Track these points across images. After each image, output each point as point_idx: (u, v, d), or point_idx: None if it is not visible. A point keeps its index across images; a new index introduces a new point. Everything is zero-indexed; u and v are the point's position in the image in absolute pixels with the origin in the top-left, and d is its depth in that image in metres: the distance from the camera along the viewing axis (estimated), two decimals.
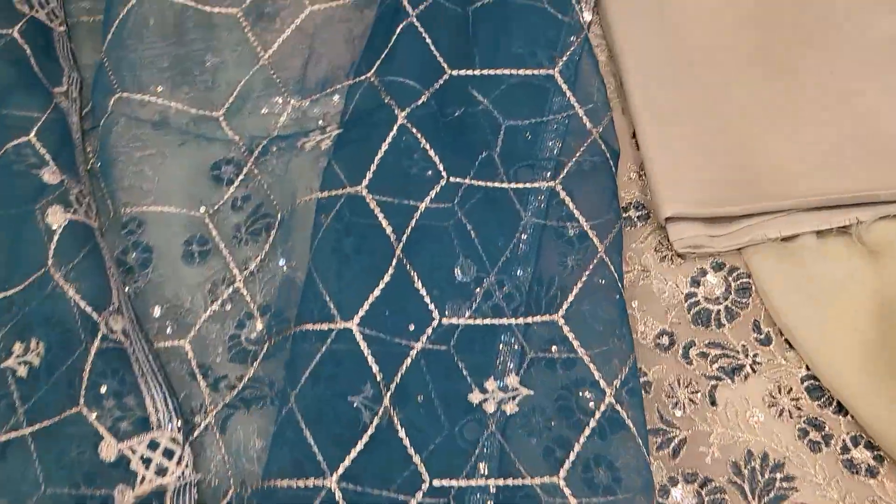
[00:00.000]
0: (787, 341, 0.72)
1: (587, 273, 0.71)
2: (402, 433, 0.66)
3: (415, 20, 0.81)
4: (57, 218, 0.75)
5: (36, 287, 0.73)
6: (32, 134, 0.79)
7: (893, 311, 0.68)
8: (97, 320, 0.71)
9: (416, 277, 0.71)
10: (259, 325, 0.75)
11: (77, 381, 0.70)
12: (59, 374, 0.70)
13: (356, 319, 0.70)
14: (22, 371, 0.72)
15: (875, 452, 0.66)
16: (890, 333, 0.67)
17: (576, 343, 0.69)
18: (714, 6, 0.84)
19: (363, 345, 0.69)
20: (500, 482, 0.65)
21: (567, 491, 0.64)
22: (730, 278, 0.75)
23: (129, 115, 0.84)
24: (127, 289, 0.76)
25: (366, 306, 0.70)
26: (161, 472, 0.67)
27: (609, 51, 0.86)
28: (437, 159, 0.75)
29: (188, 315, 0.76)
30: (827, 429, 0.68)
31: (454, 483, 0.65)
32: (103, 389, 0.69)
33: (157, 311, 0.76)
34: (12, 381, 0.72)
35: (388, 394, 0.67)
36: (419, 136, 0.76)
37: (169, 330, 0.75)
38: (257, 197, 0.80)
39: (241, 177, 0.81)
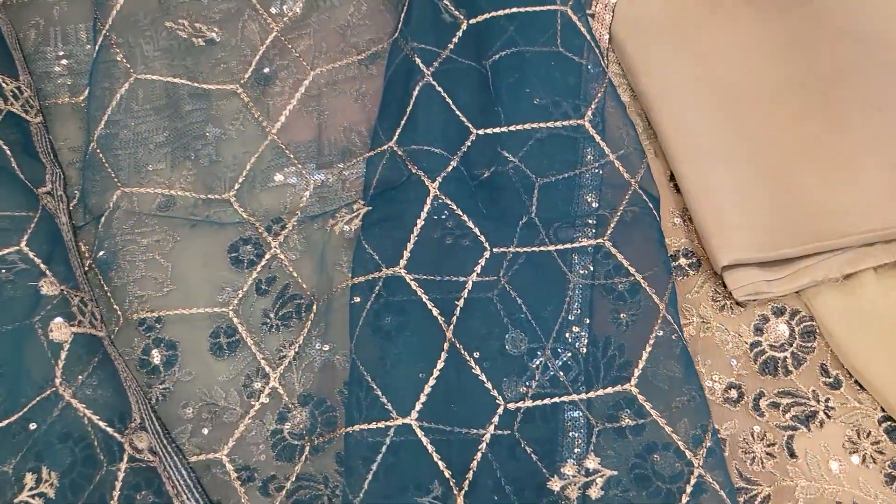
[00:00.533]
0: (857, 383, 0.69)
1: (654, 333, 0.68)
2: None
3: (430, 79, 0.76)
4: (61, 333, 0.68)
5: (44, 409, 0.67)
6: (24, 243, 0.72)
7: None
8: (119, 439, 0.65)
9: (472, 361, 0.67)
10: (301, 417, 0.69)
11: None
12: (81, 503, 0.64)
13: (414, 414, 0.65)
14: None
15: None
16: None
17: (648, 405, 0.65)
18: (743, 41, 0.82)
19: (425, 440, 0.64)
20: None
21: None
22: (793, 322, 0.72)
23: (129, 205, 0.78)
24: (153, 391, 0.71)
25: (422, 398, 0.66)
26: None
27: (631, 90, 0.83)
28: (476, 230, 0.71)
29: (224, 414, 0.70)
30: None
31: None
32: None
33: (189, 412, 0.70)
34: None
35: (461, 491, 0.63)
36: (454, 206, 0.72)
37: (205, 430, 0.69)
38: (283, 278, 0.75)
39: (264, 258, 0.75)
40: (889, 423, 0.68)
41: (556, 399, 0.66)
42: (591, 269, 0.72)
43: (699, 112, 0.78)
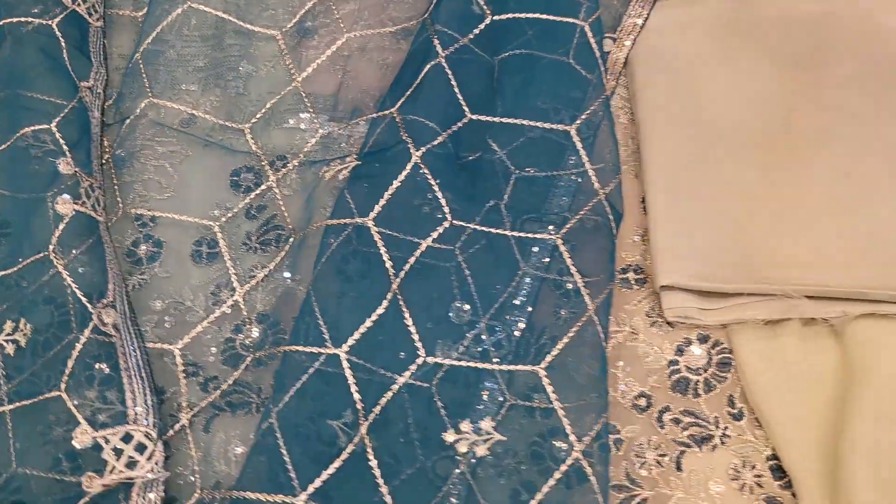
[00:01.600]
0: (757, 420, 0.74)
1: (575, 329, 0.74)
2: (373, 462, 0.68)
3: (443, 61, 0.83)
4: (65, 207, 0.77)
5: (35, 270, 0.76)
6: (54, 123, 0.81)
7: (845, 410, 0.70)
8: (90, 311, 0.74)
9: (407, 314, 0.74)
10: (255, 333, 0.77)
11: (62, 366, 0.72)
12: (45, 358, 0.73)
13: (345, 347, 0.72)
14: (10, 349, 0.74)
15: None
16: (843, 436, 0.69)
17: (553, 395, 0.71)
18: (744, 91, 0.87)
19: (348, 372, 0.71)
20: None
21: None
22: (713, 351, 0.77)
23: (156, 115, 0.87)
24: (132, 279, 0.79)
25: (356, 335, 0.73)
26: (131, 465, 0.69)
27: (632, 114, 0.89)
28: (444, 202, 0.78)
29: (188, 313, 0.78)
30: None
31: None
32: (86, 379, 0.72)
33: (158, 305, 0.79)
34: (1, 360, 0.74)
35: (366, 423, 0.70)
36: (430, 177, 0.78)
37: (168, 324, 0.78)
38: (272, 209, 0.83)
39: (260, 187, 0.83)
40: (775, 461, 0.72)
41: (476, 365, 0.72)
42: (547, 263, 0.78)
43: (680, 147, 0.83)
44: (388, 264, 0.75)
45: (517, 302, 0.76)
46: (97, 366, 0.73)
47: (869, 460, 0.68)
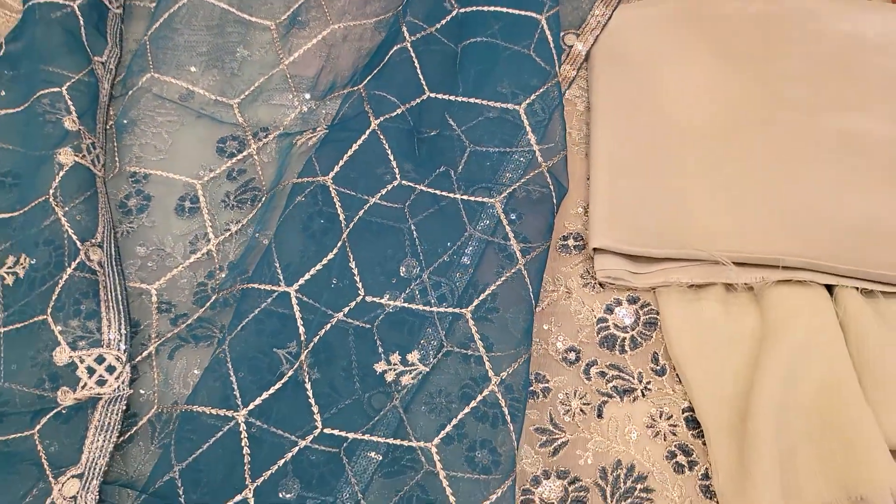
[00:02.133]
0: (677, 377, 0.79)
1: (503, 279, 0.80)
2: (308, 388, 0.75)
3: (409, 45, 0.92)
4: (67, 157, 0.87)
5: (38, 214, 0.85)
6: (65, 87, 0.92)
7: (757, 369, 0.75)
8: (79, 248, 0.83)
9: (352, 259, 0.81)
10: (222, 277, 0.85)
11: (48, 295, 0.81)
12: (38, 290, 0.82)
13: (295, 286, 0.80)
14: (9, 280, 0.83)
15: None
16: (750, 389, 0.74)
17: (480, 343, 0.77)
18: (695, 84, 0.93)
19: (297, 308, 0.79)
20: (390, 441, 0.73)
21: (437, 457, 0.72)
22: (640, 311, 0.83)
23: (157, 91, 0.97)
24: (122, 227, 0.88)
25: (307, 276, 0.80)
26: (101, 382, 0.78)
27: (588, 103, 0.96)
28: (394, 164, 0.86)
29: (167, 259, 0.87)
30: (694, 456, 0.75)
31: (346, 434, 0.73)
32: (73, 312, 0.80)
33: (141, 251, 0.88)
34: (1, 289, 0.84)
35: (306, 352, 0.77)
36: (385, 143, 0.86)
37: (151, 266, 0.86)
38: (250, 173, 0.92)
39: (242, 154, 0.93)
40: (690, 413, 0.77)
41: (410, 305, 0.79)
42: (491, 228, 0.84)
43: (628, 131, 0.90)
44: (342, 218, 0.83)
45: (464, 261, 0.83)
46: (83, 302, 0.82)
47: (774, 415, 0.73)
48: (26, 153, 0.91)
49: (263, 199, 0.89)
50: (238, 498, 0.71)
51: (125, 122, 0.95)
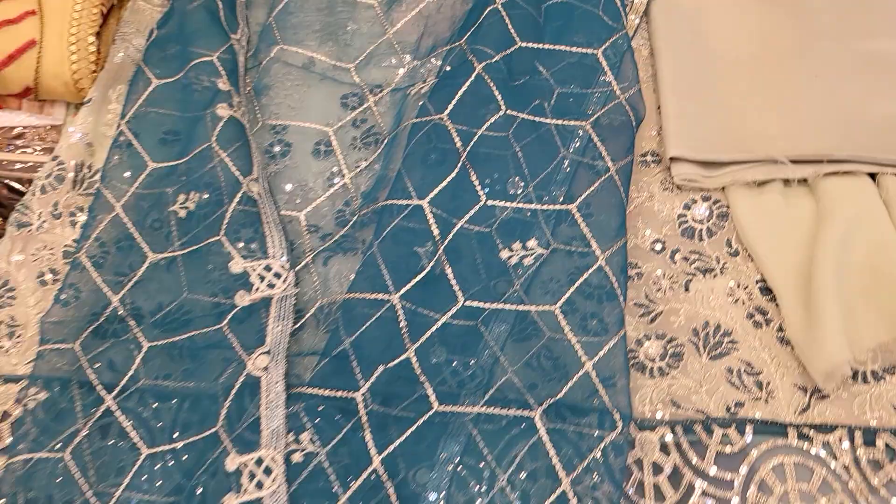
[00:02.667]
0: (749, 256, 0.95)
1: (597, 184, 0.96)
2: (449, 273, 0.92)
3: (499, 7, 1.09)
4: (224, 111, 1.05)
5: (202, 158, 1.02)
6: (215, 56, 1.10)
7: (816, 242, 0.91)
8: (241, 182, 1.00)
9: (473, 175, 0.98)
10: (358, 202, 1.02)
11: (221, 221, 0.98)
12: (208, 219, 0.99)
13: (427, 199, 0.96)
14: (182, 213, 1.00)
15: None
16: (811, 258, 0.90)
17: (587, 230, 0.93)
18: (736, 24, 1.10)
19: (430, 217, 0.95)
20: (519, 307, 0.89)
21: (562, 320, 0.88)
22: (713, 207, 0.99)
23: (285, 59, 1.15)
24: (270, 168, 1.05)
25: (435, 191, 0.97)
26: (270, 286, 0.94)
27: (651, 49, 1.13)
28: (499, 98, 1.02)
29: (310, 192, 1.04)
30: (769, 315, 0.91)
31: (483, 305, 0.90)
32: (238, 236, 0.97)
33: (288, 187, 1.05)
34: (174, 221, 1.00)
35: (442, 247, 0.93)
36: (490, 83, 1.03)
37: (297, 200, 1.03)
38: (371, 121, 1.09)
39: (362, 106, 1.10)
40: (762, 284, 0.93)
41: (523, 205, 0.95)
42: (581, 149, 1.01)
43: (686, 65, 1.07)
44: (459, 146, 0.99)
45: (560, 178, 0.99)
46: (247, 228, 0.98)
47: (834, 276, 0.88)
48: (183, 115, 1.08)
49: (385, 140, 1.06)
50: (402, 357, 0.87)
51: (261, 87, 1.12)
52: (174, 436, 0.87)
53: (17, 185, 1.14)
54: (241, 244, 0.97)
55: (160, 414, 0.89)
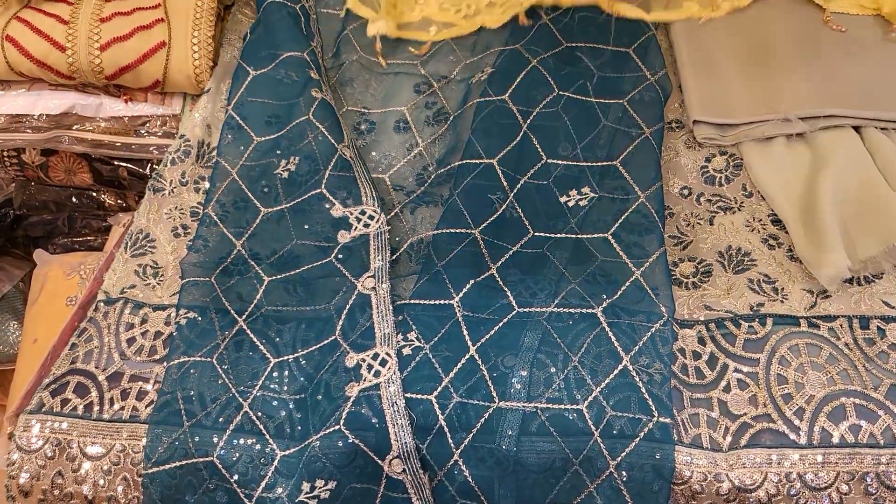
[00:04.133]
0: (761, 196, 1.16)
1: (635, 144, 1.18)
2: (521, 213, 1.13)
3: (548, 22, 1.32)
4: (317, 94, 1.26)
5: (300, 131, 1.23)
6: (306, 52, 1.32)
7: (815, 182, 1.12)
8: (336, 147, 1.21)
9: (535, 141, 1.19)
10: (434, 168, 1.23)
11: (320, 178, 1.19)
12: (309, 178, 1.19)
13: (496, 159, 1.18)
14: (284, 174, 1.21)
15: None
16: (811, 194, 1.11)
17: (627, 175, 1.15)
18: (743, 19, 1.33)
19: (500, 173, 1.16)
20: (576, 236, 1.10)
21: (613, 242, 1.09)
22: (729, 159, 1.20)
23: (362, 62, 1.37)
24: (358, 142, 1.27)
25: (503, 153, 1.18)
26: (366, 225, 1.14)
27: (669, 44, 1.35)
28: (552, 82, 1.25)
29: (393, 160, 1.25)
30: (780, 239, 1.11)
31: (549, 235, 1.10)
32: (335, 191, 1.18)
33: (374, 156, 1.26)
34: (280, 183, 1.21)
35: (511, 195, 1.14)
36: (544, 71, 1.26)
37: (382, 167, 1.25)
38: (440, 103, 1.31)
39: (431, 90, 1.32)
40: (773, 217, 1.14)
41: (576, 163, 1.17)
42: (619, 119, 1.23)
43: (699, 50, 1.29)
44: (520, 120, 1.21)
45: (601, 142, 1.21)
46: (342, 185, 1.19)
47: (830, 205, 1.09)
48: (280, 103, 1.29)
49: (452, 117, 1.28)
50: (487, 273, 1.07)
51: (345, 80, 1.34)
52: (296, 348, 1.06)
53: (135, 168, 1.36)
54: (339, 195, 1.17)
55: (282, 333, 1.08)
